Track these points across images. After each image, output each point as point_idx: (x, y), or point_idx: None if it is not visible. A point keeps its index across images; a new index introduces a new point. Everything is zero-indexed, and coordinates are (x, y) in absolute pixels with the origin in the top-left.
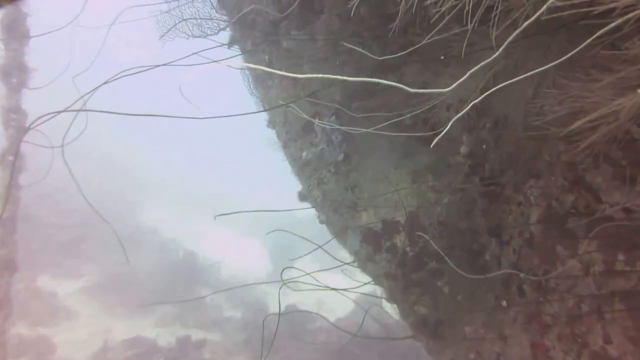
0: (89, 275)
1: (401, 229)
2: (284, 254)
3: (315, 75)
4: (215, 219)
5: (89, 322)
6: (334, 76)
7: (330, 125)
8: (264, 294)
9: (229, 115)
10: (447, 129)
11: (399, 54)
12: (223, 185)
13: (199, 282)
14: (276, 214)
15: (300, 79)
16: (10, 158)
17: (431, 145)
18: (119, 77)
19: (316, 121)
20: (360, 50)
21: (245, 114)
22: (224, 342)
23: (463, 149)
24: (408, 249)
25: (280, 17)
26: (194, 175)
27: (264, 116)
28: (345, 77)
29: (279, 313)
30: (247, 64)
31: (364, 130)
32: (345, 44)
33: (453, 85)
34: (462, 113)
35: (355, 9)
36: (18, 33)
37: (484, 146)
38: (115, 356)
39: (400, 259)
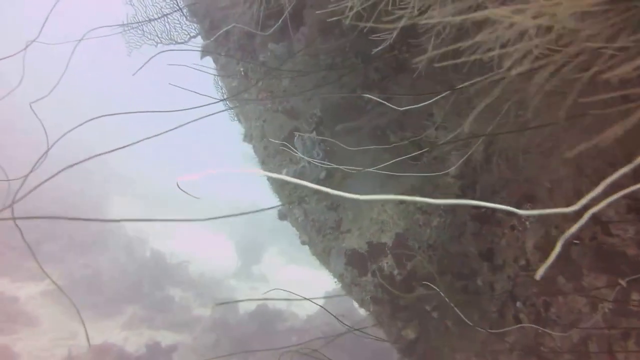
0: (53, 277)
1: (388, 251)
2: (251, 248)
3: (392, 197)
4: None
5: (52, 327)
6: (424, 199)
7: (322, 163)
8: (232, 290)
9: (228, 216)
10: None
11: (421, 104)
12: (193, 179)
13: (167, 282)
14: (243, 205)
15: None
16: None
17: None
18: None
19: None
20: (384, 102)
21: (244, 213)
22: (194, 345)
23: (452, 169)
24: (395, 272)
25: (258, 31)
26: (164, 168)
27: (239, 130)
28: (438, 201)
29: None
30: (266, 172)
31: (363, 169)
32: (364, 95)
33: (577, 205)
34: (570, 231)
35: (337, 24)
36: None
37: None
38: None
39: (388, 282)
